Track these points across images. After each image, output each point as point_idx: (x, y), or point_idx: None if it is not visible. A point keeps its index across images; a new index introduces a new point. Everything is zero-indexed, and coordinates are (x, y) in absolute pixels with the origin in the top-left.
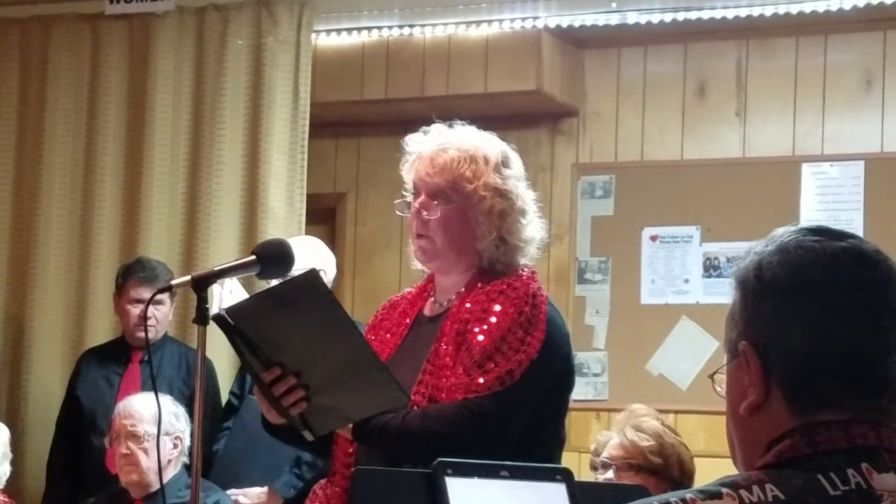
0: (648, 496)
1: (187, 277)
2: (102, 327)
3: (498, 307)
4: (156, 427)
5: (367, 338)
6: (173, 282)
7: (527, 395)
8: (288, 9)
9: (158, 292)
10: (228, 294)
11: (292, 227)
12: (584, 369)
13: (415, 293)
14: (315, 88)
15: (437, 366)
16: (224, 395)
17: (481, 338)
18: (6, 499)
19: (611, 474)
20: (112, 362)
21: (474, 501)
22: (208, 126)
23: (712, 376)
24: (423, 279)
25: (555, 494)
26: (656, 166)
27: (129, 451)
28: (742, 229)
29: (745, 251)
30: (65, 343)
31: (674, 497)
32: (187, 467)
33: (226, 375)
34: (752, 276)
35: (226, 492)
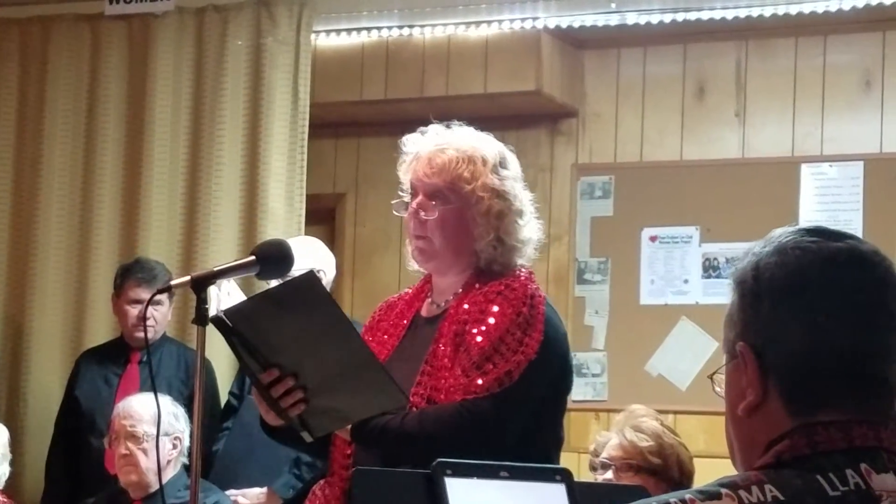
0: (648, 497)
1: (186, 278)
2: (101, 328)
3: (496, 308)
4: (155, 427)
5: (365, 339)
6: (172, 282)
7: (525, 396)
8: (287, 9)
9: (157, 293)
10: (226, 296)
11: (292, 228)
12: (584, 370)
13: (412, 294)
14: (314, 89)
15: (436, 367)
16: (223, 395)
17: (479, 339)
18: (5, 499)
19: (610, 475)
20: (111, 363)
21: (474, 502)
22: (208, 126)
23: (712, 377)
24: (420, 280)
25: (554, 495)
26: (656, 167)
27: (128, 452)
28: (741, 230)
29: (744, 252)
30: (64, 343)
31: (673, 497)
32: (186, 468)
33: (225, 376)
34: (750, 277)
35: (225, 492)
